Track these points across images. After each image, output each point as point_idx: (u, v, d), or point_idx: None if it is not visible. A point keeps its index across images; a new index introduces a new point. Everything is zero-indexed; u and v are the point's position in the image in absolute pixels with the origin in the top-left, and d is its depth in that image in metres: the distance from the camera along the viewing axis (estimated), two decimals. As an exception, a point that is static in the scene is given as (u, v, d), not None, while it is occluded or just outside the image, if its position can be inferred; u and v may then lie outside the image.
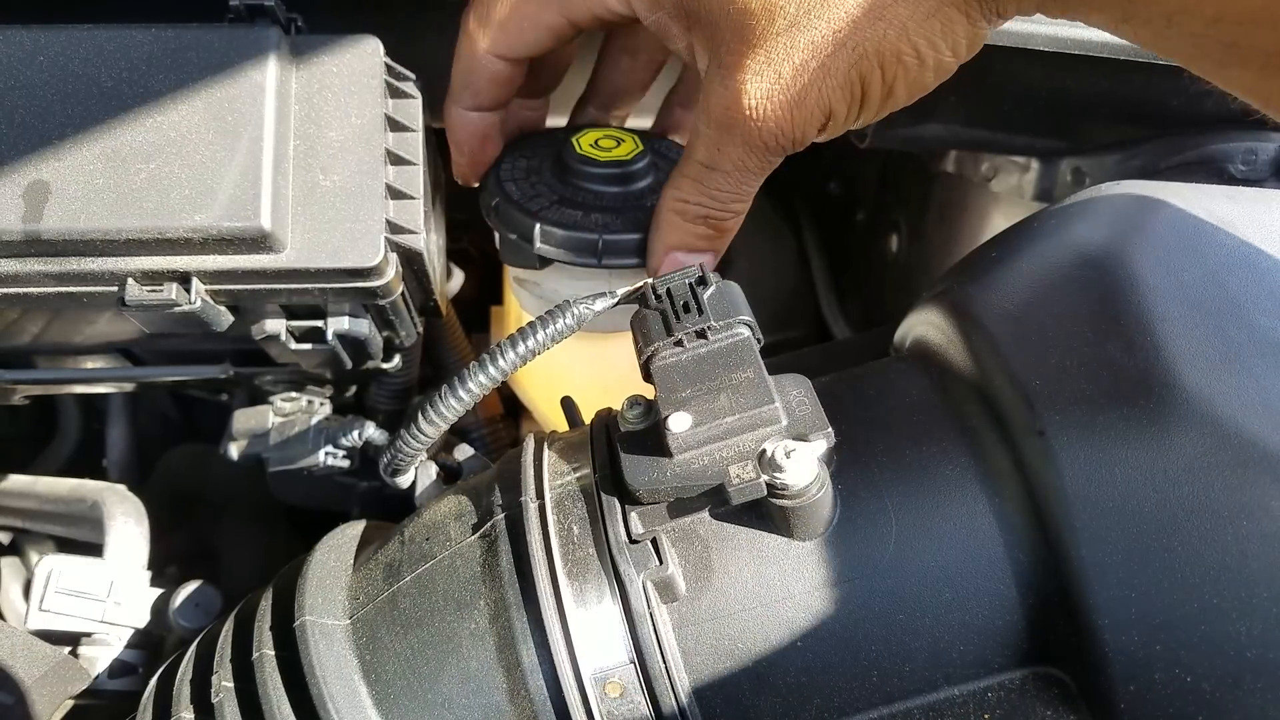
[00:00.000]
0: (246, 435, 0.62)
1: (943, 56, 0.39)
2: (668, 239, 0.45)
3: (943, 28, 0.38)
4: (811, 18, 0.38)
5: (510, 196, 0.48)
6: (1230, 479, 0.33)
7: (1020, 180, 0.69)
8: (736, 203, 0.44)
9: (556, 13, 0.44)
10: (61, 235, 0.40)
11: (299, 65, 0.44)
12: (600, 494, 0.38)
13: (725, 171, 0.43)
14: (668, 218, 0.45)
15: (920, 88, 0.41)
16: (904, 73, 0.39)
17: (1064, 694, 0.36)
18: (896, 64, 0.39)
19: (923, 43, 0.38)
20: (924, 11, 0.38)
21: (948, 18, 0.38)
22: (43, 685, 0.50)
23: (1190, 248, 0.38)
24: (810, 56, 0.39)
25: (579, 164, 0.48)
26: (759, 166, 0.43)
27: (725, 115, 0.40)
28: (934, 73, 0.40)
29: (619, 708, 0.35)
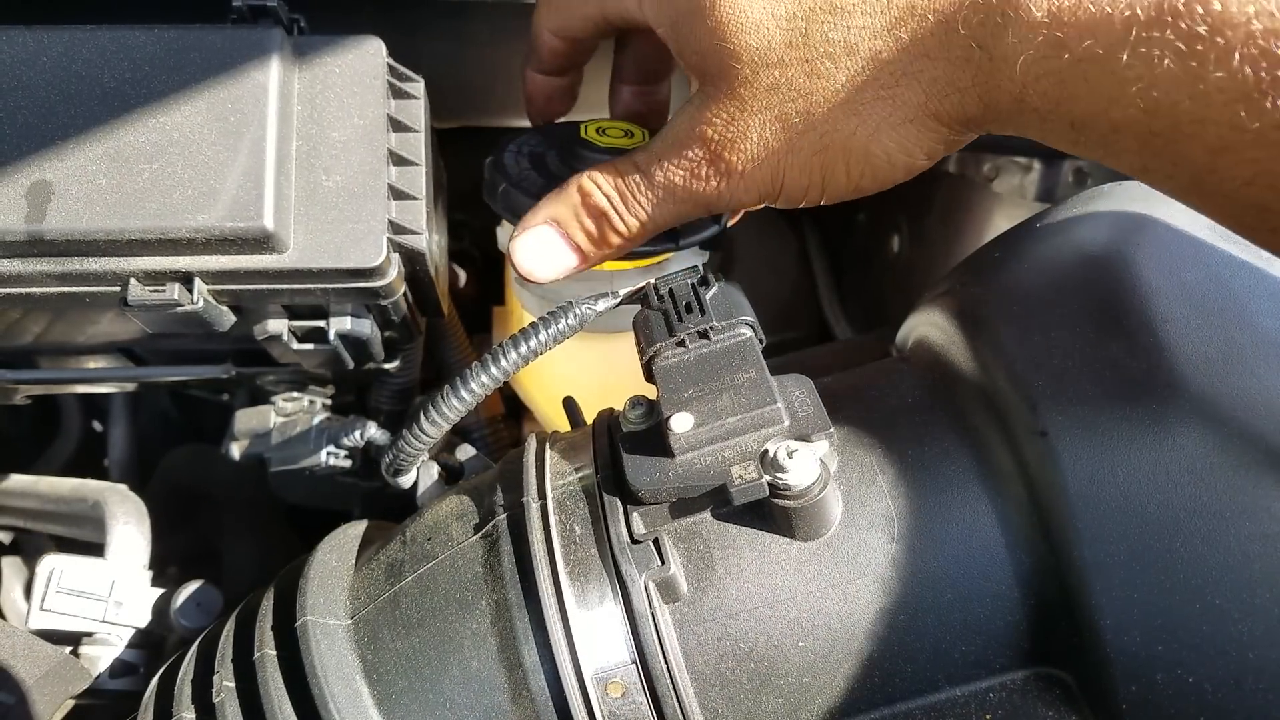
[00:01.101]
0: (248, 435, 0.62)
1: (915, 160, 0.38)
2: (557, 209, 0.43)
3: (918, 134, 0.37)
4: (790, 90, 0.37)
5: (514, 180, 0.47)
6: (1232, 480, 0.33)
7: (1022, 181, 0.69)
8: (640, 223, 0.42)
9: (594, 7, 0.44)
10: (64, 235, 0.40)
11: (301, 66, 0.44)
12: (602, 494, 0.38)
13: (651, 184, 0.41)
14: (567, 191, 0.43)
15: (889, 183, 0.40)
16: (872, 171, 0.39)
17: (1066, 694, 0.36)
18: (864, 161, 0.38)
19: (894, 146, 0.37)
20: (901, 116, 0.36)
21: (925, 126, 0.37)
22: (44, 685, 0.50)
23: (1193, 248, 0.38)
24: (780, 128, 0.38)
25: (584, 149, 0.48)
26: (683, 201, 0.41)
27: (683, 137, 0.40)
28: (904, 172, 0.39)
29: (621, 708, 0.35)
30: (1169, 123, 0.30)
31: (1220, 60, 0.29)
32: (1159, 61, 0.30)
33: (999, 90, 0.34)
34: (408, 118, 0.46)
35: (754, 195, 0.40)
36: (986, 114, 0.35)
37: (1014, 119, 0.35)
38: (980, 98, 0.35)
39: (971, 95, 0.35)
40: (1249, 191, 0.30)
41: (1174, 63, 0.30)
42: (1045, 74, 0.32)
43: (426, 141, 0.47)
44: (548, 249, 0.43)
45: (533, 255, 0.43)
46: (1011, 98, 0.34)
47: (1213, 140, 0.30)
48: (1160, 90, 0.30)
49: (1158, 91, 0.30)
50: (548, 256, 0.43)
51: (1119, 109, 0.31)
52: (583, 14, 0.45)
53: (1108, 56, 0.31)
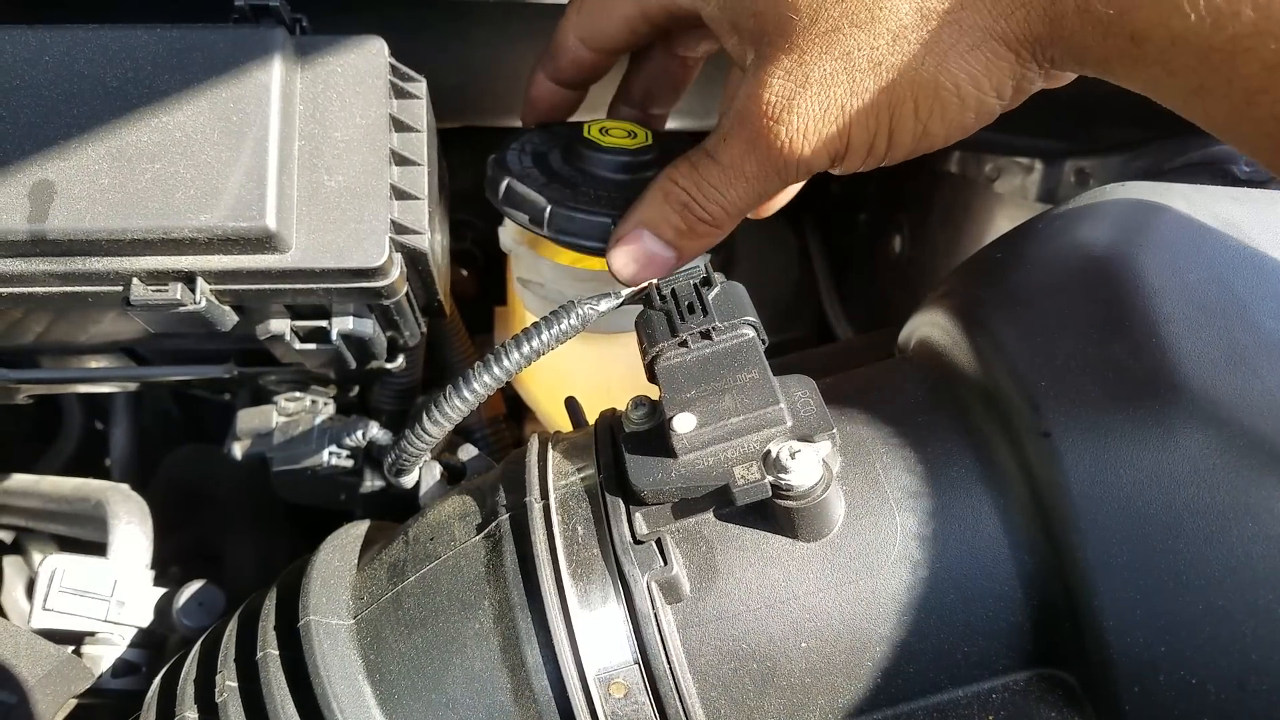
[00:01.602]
0: (250, 435, 0.62)
1: (985, 96, 0.37)
2: (643, 212, 0.43)
3: (988, 63, 0.36)
4: (853, 27, 0.36)
5: (518, 177, 0.47)
6: (1235, 480, 0.33)
7: (1024, 181, 0.69)
8: (720, 206, 0.42)
9: (633, 5, 0.44)
10: (67, 235, 0.40)
11: (304, 65, 0.44)
12: (605, 494, 0.38)
13: (723, 166, 0.41)
14: (652, 192, 0.43)
15: (959, 129, 0.38)
16: (941, 109, 0.37)
17: (1069, 695, 0.36)
18: (934, 99, 0.37)
19: (964, 77, 0.36)
20: (969, 42, 0.35)
21: (994, 52, 0.36)
22: (46, 684, 0.50)
23: (1195, 249, 0.38)
24: (842, 67, 0.36)
25: (584, 149, 0.48)
26: (755, 175, 0.40)
27: (743, 108, 0.39)
28: (974, 114, 0.37)
29: (623, 708, 0.35)
30: (1229, 35, 0.30)
31: None
32: None
33: (1062, 2, 0.34)
34: (410, 118, 0.46)
35: (822, 153, 0.39)
36: (1052, 31, 0.35)
37: (1077, 35, 0.34)
38: (1045, 12, 0.34)
39: (1036, 10, 0.34)
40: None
41: None
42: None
43: (429, 141, 0.47)
44: (644, 252, 0.43)
45: (629, 262, 0.43)
46: (1076, 8, 0.33)
47: (1271, 55, 0.30)
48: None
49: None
50: (645, 259, 0.43)
51: (1179, 18, 0.31)
52: (619, 15, 0.45)
53: None
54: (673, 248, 0.43)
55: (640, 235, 0.43)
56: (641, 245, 0.43)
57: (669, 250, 0.43)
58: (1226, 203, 0.40)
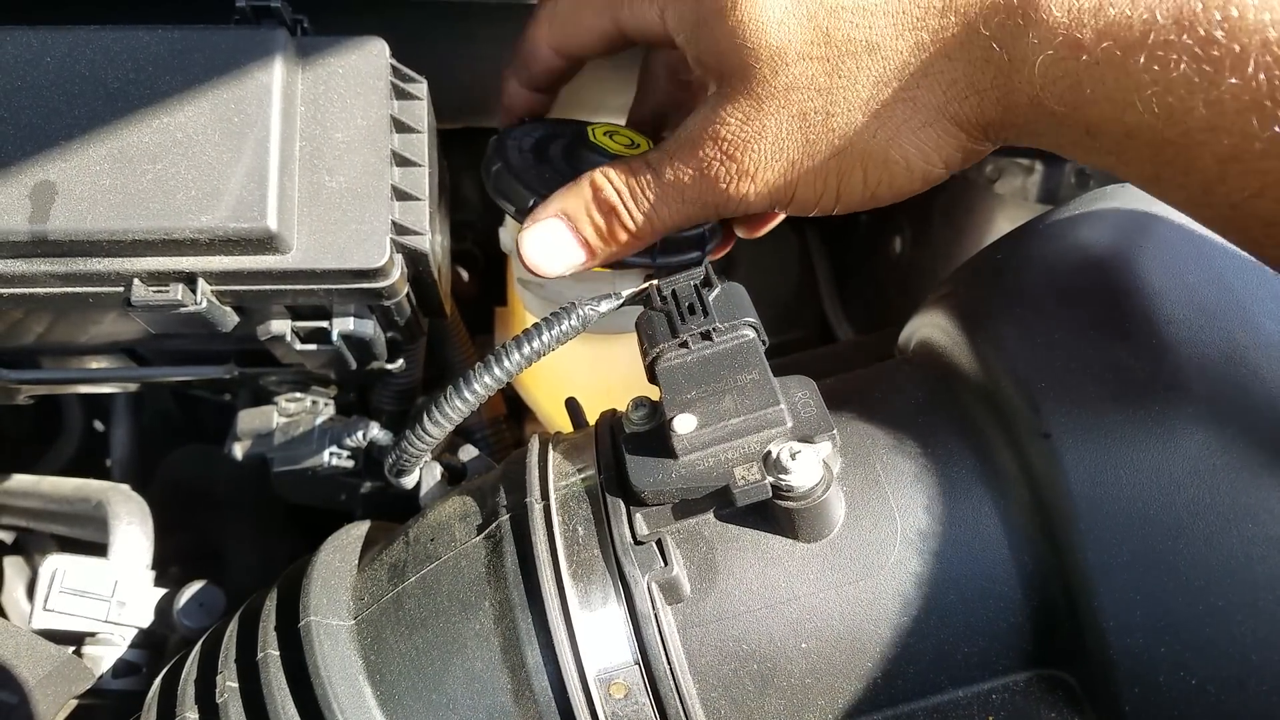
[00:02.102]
0: (251, 435, 0.62)
1: (933, 168, 0.38)
2: (567, 202, 0.43)
3: (938, 140, 0.37)
4: (810, 88, 0.37)
5: (512, 165, 0.47)
6: (1235, 482, 0.33)
7: (1025, 182, 0.69)
8: (648, 219, 0.42)
9: (609, 19, 0.44)
10: (68, 236, 0.40)
11: (305, 66, 0.44)
12: (605, 495, 0.38)
13: (662, 182, 0.41)
14: (580, 186, 0.43)
15: (906, 193, 0.39)
16: (889, 178, 0.38)
17: (1069, 696, 0.36)
18: (882, 168, 0.38)
19: (913, 151, 0.37)
20: (921, 119, 0.36)
21: (945, 130, 0.36)
22: (47, 685, 0.50)
23: (1195, 250, 0.38)
24: (797, 126, 0.37)
25: (588, 150, 0.48)
26: (692, 200, 0.40)
27: (697, 136, 0.39)
28: (921, 181, 0.38)
29: (623, 708, 0.35)
30: (1182, 130, 0.31)
31: (1235, 67, 0.29)
32: (1175, 66, 0.30)
33: (1017, 92, 0.34)
34: (411, 119, 0.46)
35: (765, 198, 0.40)
36: (1004, 118, 0.35)
37: (1030, 124, 0.35)
38: (999, 100, 0.35)
39: (990, 97, 0.35)
40: (1257, 204, 0.30)
41: (1190, 67, 0.30)
42: (1063, 75, 0.32)
43: (429, 142, 0.47)
44: (556, 242, 0.43)
45: (541, 248, 0.43)
46: (1029, 100, 0.34)
47: (1224, 149, 0.30)
48: (1175, 95, 0.30)
49: (1172, 97, 0.30)
50: (556, 250, 0.43)
51: (1133, 114, 0.31)
52: (593, 28, 0.44)
53: (1125, 59, 0.31)
54: (585, 248, 0.43)
55: (558, 225, 0.43)
56: (557, 235, 0.43)
57: (580, 250, 0.43)
58: (1227, 204, 0.40)
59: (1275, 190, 0.30)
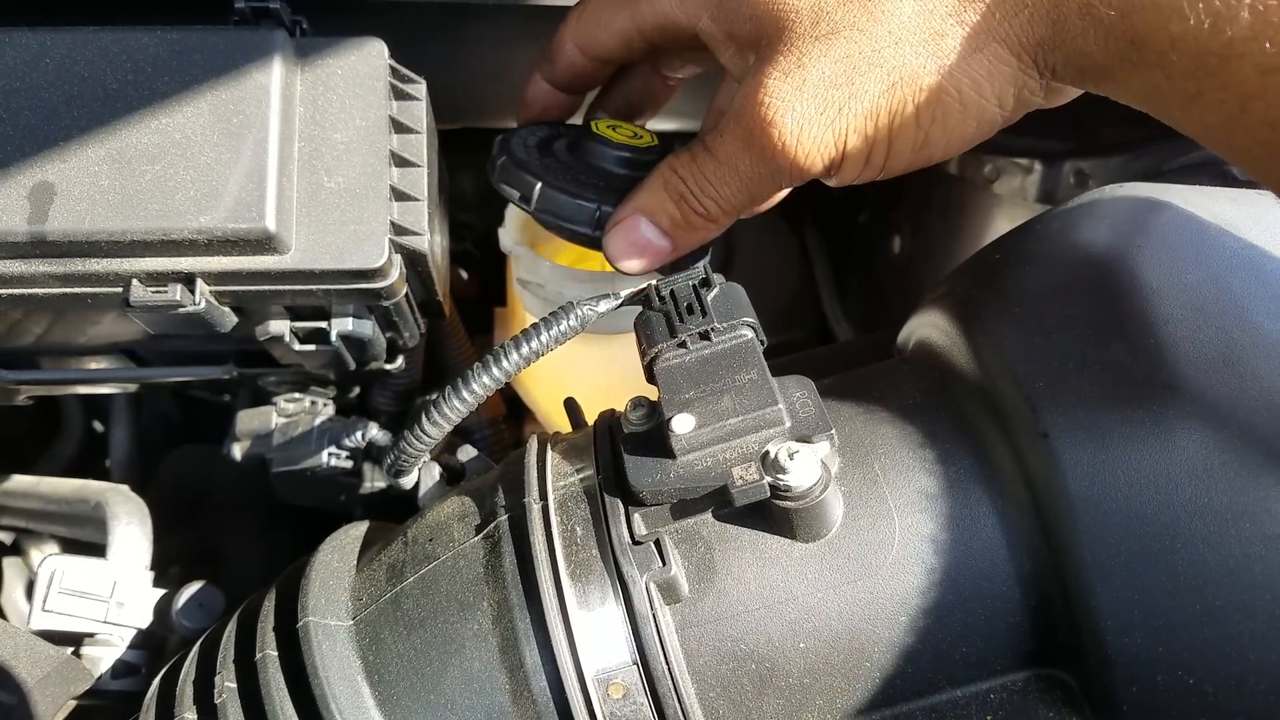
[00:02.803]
0: (250, 436, 0.62)
1: (986, 102, 0.36)
2: (642, 199, 0.43)
3: (990, 68, 0.36)
4: (853, 30, 0.36)
5: (517, 157, 0.47)
6: (1233, 481, 0.33)
7: (1023, 182, 0.69)
8: (715, 201, 0.41)
9: (628, 18, 0.44)
10: (66, 236, 0.40)
11: (304, 67, 0.44)
12: (603, 495, 0.38)
13: (719, 161, 0.40)
14: (652, 179, 0.43)
15: (959, 139, 0.38)
16: (943, 116, 0.37)
17: (1067, 696, 0.36)
18: (935, 104, 0.36)
19: (966, 81, 0.36)
20: (971, 45, 0.35)
21: (996, 56, 0.35)
22: (45, 686, 0.50)
23: (1193, 250, 0.38)
24: (841, 70, 0.36)
25: (592, 142, 0.48)
26: (748, 175, 0.40)
27: (741, 106, 0.39)
28: (975, 122, 0.37)
29: (622, 709, 0.35)
30: (1225, 39, 0.31)
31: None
32: None
33: (1066, 4, 0.34)
34: (410, 119, 0.46)
35: (816, 158, 0.38)
36: (1054, 34, 0.35)
37: (1079, 38, 0.34)
38: (1048, 14, 0.34)
39: (1040, 12, 0.34)
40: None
41: None
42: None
43: (428, 143, 0.47)
44: (639, 239, 0.43)
45: (625, 247, 0.43)
46: (1078, 10, 0.33)
47: (1265, 60, 0.30)
48: (1221, 0, 0.30)
49: (1219, 1, 0.30)
50: (639, 246, 0.43)
51: (1179, 21, 0.31)
52: (615, 28, 0.44)
53: None
54: (667, 237, 0.43)
55: (637, 221, 0.43)
56: (638, 231, 0.43)
57: (664, 240, 0.43)
58: (1225, 203, 0.40)
59: None
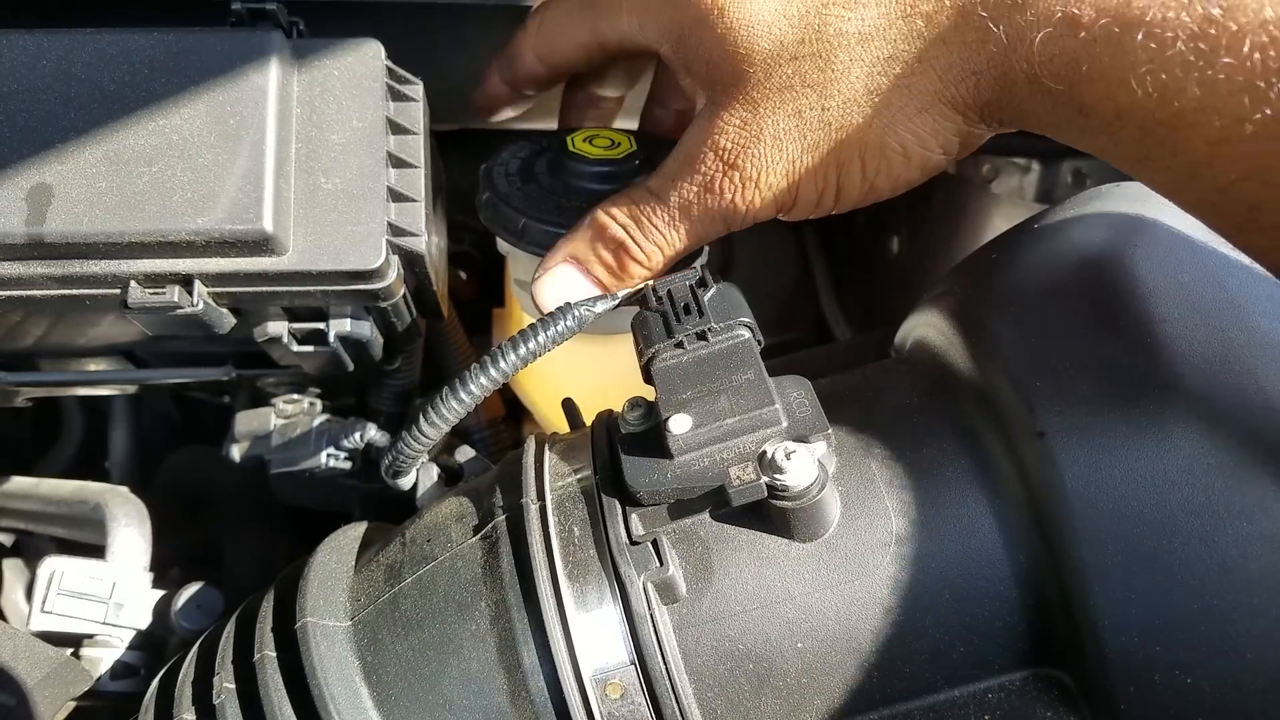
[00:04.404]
0: (248, 437, 0.62)
1: (931, 154, 0.38)
2: (574, 246, 0.43)
3: (935, 125, 0.37)
4: (804, 87, 0.37)
5: (500, 192, 0.48)
6: (1230, 480, 0.33)
7: (1021, 182, 0.69)
8: (659, 248, 0.41)
9: (588, 31, 0.44)
10: (64, 238, 0.40)
11: (301, 69, 0.44)
12: (601, 495, 0.38)
13: (666, 205, 0.40)
14: (585, 226, 0.43)
15: (904, 184, 0.39)
16: (887, 168, 0.38)
17: (1064, 695, 0.36)
18: (880, 158, 0.37)
19: (910, 138, 0.37)
20: (917, 105, 0.36)
21: (942, 115, 0.36)
22: (45, 687, 0.50)
23: (1190, 249, 0.38)
24: (794, 124, 0.37)
25: (570, 161, 0.48)
26: (700, 219, 0.40)
27: (694, 151, 0.39)
28: (920, 170, 0.38)
29: (620, 709, 0.35)
30: (1173, 110, 0.31)
31: (1230, 46, 0.29)
32: (1171, 44, 0.30)
33: (1013, 72, 0.34)
34: (407, 120, 0.46)
35: (770, 204, 0.39)
36: (1000, 98, 0.35)
37: (1025, 104, 0.35)
38: (995, 81, 0.35)
39: (987, 78, 0.35)
40: (1243, 188, 0.30)
41: (1186, 46, 0.30)
42: (1060, 53, 0.33)
43: (425, 144, 0.47)
44: (569, 287, 0.43)
45: (555, 294, 0.43)
46: (1025, 79, 0.34)
47: (1214, 131, 0.30)
48: (1169, 74, 0.30)
49: (1166, 75, 0.30)
50: (570, 294, 0.43)
51: (1126, 93, 0.31)
52: (575, 40, 0.45)
53: (1122, 36, 0.31)
54: (599, 287, 0.43)
55: (568, 271, 0.43)
56: (569, 281, 0.43)
57: (596, 288, 0.43)
58: (1221, 203, 0.40)
59: (1262, 174, 0.30)
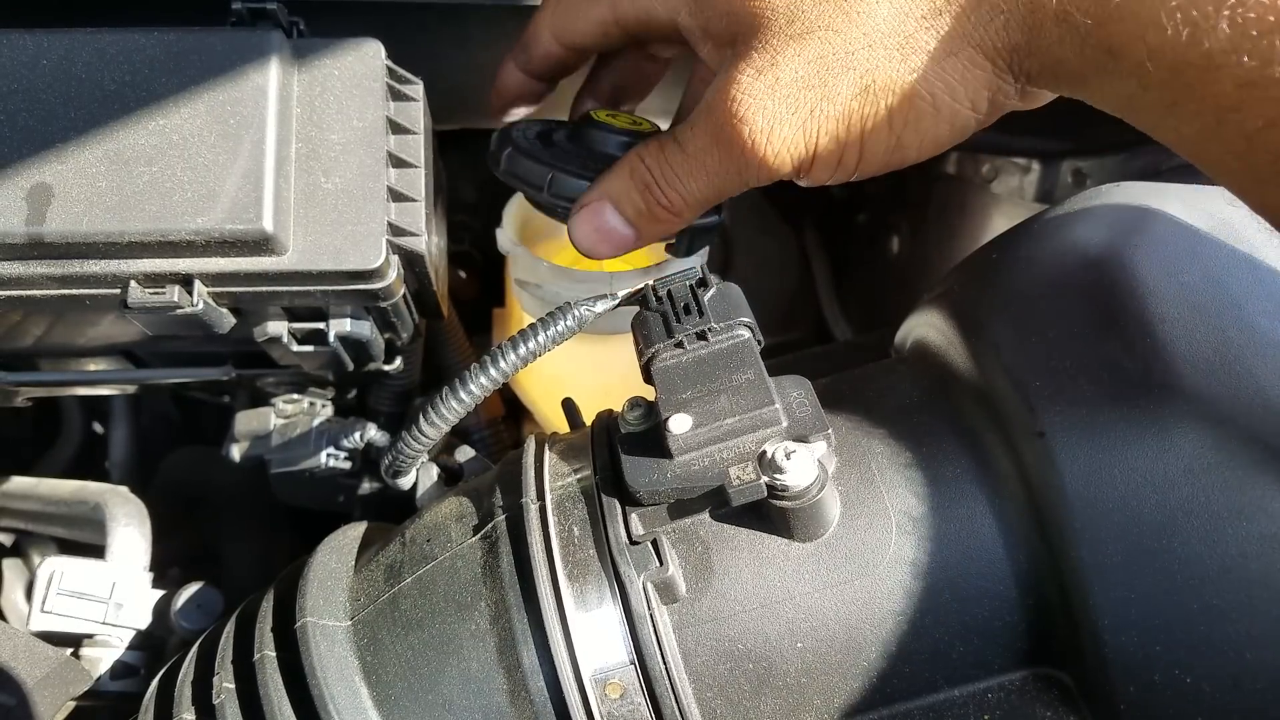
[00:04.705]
0: (248, 437, 0.62)
1: (960, 106, 0.36)
2: (609, 184, 0.43)
3: (964, 71, 0.35)
4: (828, 31, 0.36)
5: (522, 147, 0.47)
6: (1230, 480, 0.33)
7: (1021, 182, 0.69)
8: (680, 195, 0.41)
9: (607, 9, 0.43)
10: (64, 238, 0.40)
11: (301, 68, 0.44)
12: (601, 495, 0.38)
13: (687, 154, 0.40)
14: (620, 166, 0.43)
15: (932, 142, 0.37)
16: (915, 119, 0.36)
17: (1064, 695, 0.36)
18: (908, 107, 0.36)
19: (939, 85, 0.35)
20: (945, 49, 0.35)
21: (970, 60, 0.35)
22: (45, 687, 0.50)
23: (1190, 249, 0.38)
24: (814, 71, 0.36)
25: (594, 129, 0.47)
26: (716, 170, 0.40)
27: (712, 100, 0.38)
28: (949, 126, 0.37)
29: (619, 709, 0.35)
30: (1203, 51, 0.30)
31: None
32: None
33: (1042, 10, 0.33)
34: (407, 120, 0.46)
35: (785, 160, 0.38)
36: (1030, 40, 0.34)
37: (1055, 46, 0.34)
38: (1024, 19, 0.34)
39: (1016, 17, 0.34)
40: (1269, 135, 0.30)
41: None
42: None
43: (426, 144, 0.47)
44: (603, 224, 0.43)
45: (589, 231, 0.43)
46: (1054, 16, 0.33)
47: (1244, 73, 0.30)
48: (1200, 10, 0.30)
49: (1197, 11, 0.30)
50: (603, 232, 0.43)
51: (1156, 31, 0.31)
52: (593, 17, 0.44)
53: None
54: (631, 226, 0.43)
55: (603, 207, 0.43)
56: (603, 217, 0.43)
57: (628, 228, 0.43)
58: (1221, 203, 0.40)
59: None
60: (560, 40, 0.46)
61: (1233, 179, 0.33)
